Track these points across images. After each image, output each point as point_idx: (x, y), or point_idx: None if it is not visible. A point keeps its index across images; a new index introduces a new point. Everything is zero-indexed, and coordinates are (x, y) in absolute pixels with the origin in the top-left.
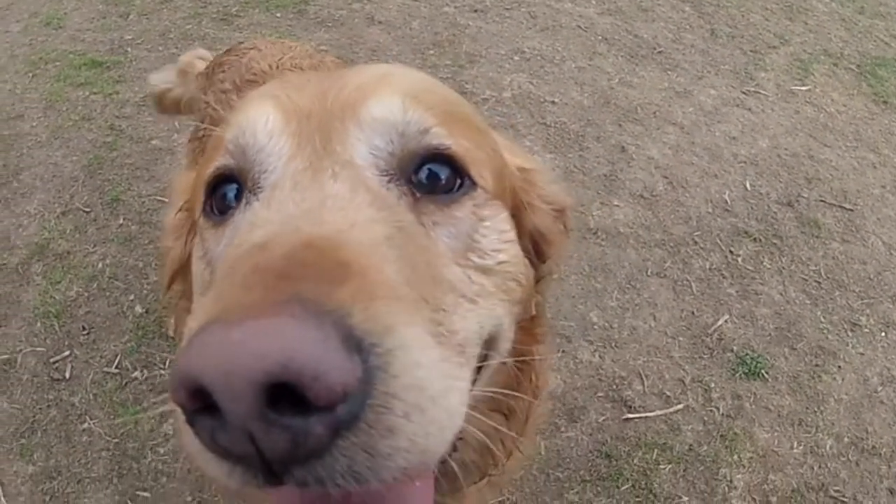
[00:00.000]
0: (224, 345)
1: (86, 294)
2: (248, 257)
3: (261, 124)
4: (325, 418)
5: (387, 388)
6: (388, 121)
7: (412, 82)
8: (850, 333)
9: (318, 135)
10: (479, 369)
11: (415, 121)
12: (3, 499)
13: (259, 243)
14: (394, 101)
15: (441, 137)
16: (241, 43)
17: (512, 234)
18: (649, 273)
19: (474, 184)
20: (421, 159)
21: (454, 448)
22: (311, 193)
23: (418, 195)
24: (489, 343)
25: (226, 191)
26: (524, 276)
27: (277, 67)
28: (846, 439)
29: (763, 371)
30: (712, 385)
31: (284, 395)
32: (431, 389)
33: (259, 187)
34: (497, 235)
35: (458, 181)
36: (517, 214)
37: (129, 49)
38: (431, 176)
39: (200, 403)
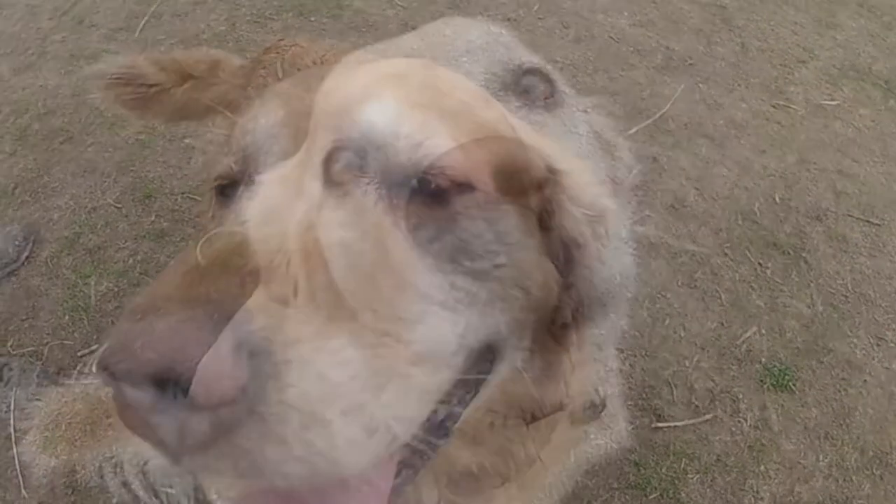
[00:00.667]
0: (128, 335)
1: (115, 289)
2: (193, 251)
3: (261, 122)
4: (208, 417)
5: (280, 398)
6: (378, 125)
7: (420, 81)
8: (876, 348)
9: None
10: (478, 379)
11: (405, 133)
12: (24, 491)
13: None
14: (389, 105)
15: (433, 148)
16: (281, 40)
17: (517, 237)
18: (679, 283)
19: (472, 186)
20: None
21: (428, 456)
22: (286, 193)
23: (399, 199)
24: (485, 353)
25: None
26: (534, 282)
27: (322, 63)
28: (871, 453)
29: (790, 383)
30: (740, 396)
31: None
32: (342, 402)
33: (253, 184)
34: (495, 238)
35: (453, 183)
36: (543, 217)
37: (161, 49)
38: (422, 180)
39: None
